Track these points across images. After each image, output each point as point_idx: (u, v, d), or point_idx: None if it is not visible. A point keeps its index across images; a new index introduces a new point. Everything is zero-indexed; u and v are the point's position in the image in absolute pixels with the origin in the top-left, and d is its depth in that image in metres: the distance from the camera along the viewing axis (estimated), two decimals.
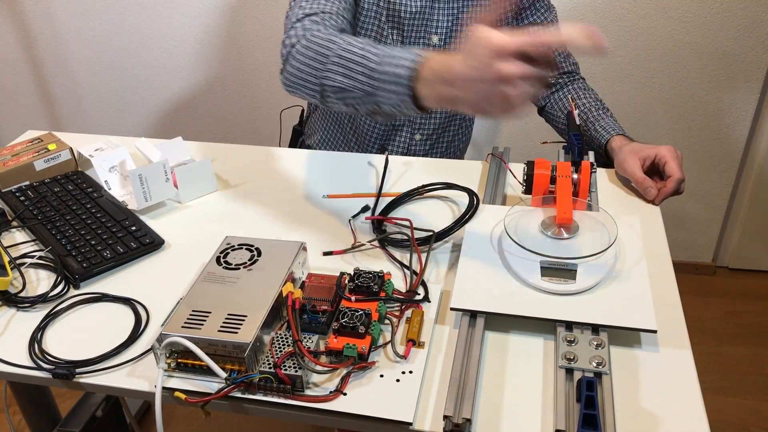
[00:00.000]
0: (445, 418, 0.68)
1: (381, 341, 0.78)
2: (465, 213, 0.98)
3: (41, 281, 0.93)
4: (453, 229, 0.97)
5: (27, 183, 1.13)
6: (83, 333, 0.83)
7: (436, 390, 0.73)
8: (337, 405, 0.71)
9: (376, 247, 0.96)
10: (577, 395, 0.69)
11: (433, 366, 0.76)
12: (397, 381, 0.73)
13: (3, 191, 1.11)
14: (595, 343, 0.74)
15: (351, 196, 1.09)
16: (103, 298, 0.89)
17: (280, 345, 0.75)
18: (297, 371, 0.71)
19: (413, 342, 0.78)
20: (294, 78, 0.94)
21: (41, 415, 1.40)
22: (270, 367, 0.72)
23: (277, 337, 0.76)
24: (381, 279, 0.83)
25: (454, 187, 1.07)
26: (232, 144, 1.27)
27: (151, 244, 0.97)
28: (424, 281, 0.88)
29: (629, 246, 0.88)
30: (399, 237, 0.97)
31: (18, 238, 1.02)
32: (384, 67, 0.81)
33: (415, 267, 0.90)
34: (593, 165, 1.00)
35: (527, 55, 0.68)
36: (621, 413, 0.70)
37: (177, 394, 0.73)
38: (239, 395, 0.72)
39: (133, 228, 1.00)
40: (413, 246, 0.93)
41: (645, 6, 1.81)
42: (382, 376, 0.74)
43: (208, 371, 0.73)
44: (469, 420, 0.67)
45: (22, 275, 0.92)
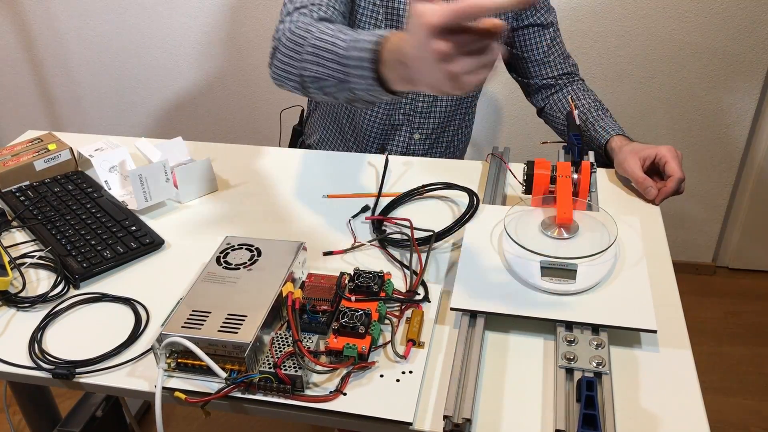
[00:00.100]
0: (445, 418, 0.68)
1: (381, 341, 0.78)
2: (465, 213, 0.98)
3: (41, 281, 0.93)
4: (453, 229, 0.96)
5: (27, 183, 1.13)
6: (83, 333, 0.83)
7: (436, 390, 0.73)
8: (337, 405, 0.71)
9: (376, 247, 0.96)
10: (577, 395, 0.69)
11: (433, 366, 0.76)
12: (397, 381, 0.73)
13: (3, 191, 1.11)
14: (595, 343, 0.74)
15: (351, 196, 1.09)
16: (103, 298, 0.89)
17: (280, 345, 0.75)
18: (297, 371, 0.71)
19: (413, 342, 0.78)
20: (278, 71, 0.94)
21: (41, 415, 1.40)
22: (270, 367, 0.72)
23: (277, 337, 0.76)
24: (381, 279, 0.83)
25: (454, 187, 1.06)
26: (232, 144, 1.27)
27: (151, 244, 0.97)
28: (424, 281, 0.88)
29: (629, 246, 0.88)
30: (399, 237, 0.97)
31: (18, 238, 1.02)
32: (350, 52, 0.79)
33: (415, 267, 0.90)
34: (593, 165, 1.00)
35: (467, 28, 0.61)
36: (621, 413, 0.69)
37: (177, 394, 0.73)
38: (239, 395, 0.72)
39: (133, 228, 1.00)
40: (413, 246, 0.93)
41: (645, 6, 1.81)
42: (382, 376, 0.74)
43: (208, 371, 0.73)
44: (469, 420, 0.67)
45: (22, 275, 0.92)
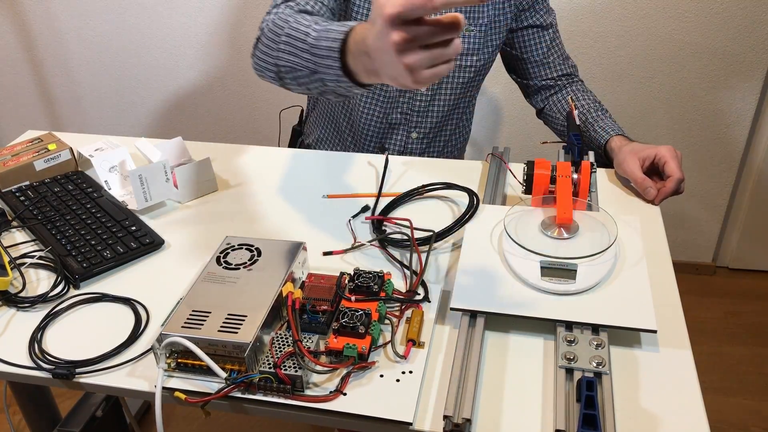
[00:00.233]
0: (445, 418, 0.68)
1: (381, 341, 0.78)
2: (465, 213, 0.98)
3: (41, 281, 0.93)
4: (453, 229, 0.96)
5: (27, 183, 1.13)
6: (83, 333, 0.83)
7: (436, 390, 0.73)
8: (337, 405, 0.71)
9: (376, 247, 0.96)
10: (577, 395, 0.69)
11: (433, 366, 0.76)
12: (397, 381, 0.73)
13: (3, 191, 1.11)
14: (595, 343, 0.74)
15: (351, 196, 1.09)
16: (103, 298, 0.89)
17: (280, 345, 0.75)
18: (297, 371, 0.71)
19: (413, 342, 0.78)
20: (258, 60, 0.94)
21: (41, 415, 1.40)
22: (270, 367, 0.72)
23: (277, 337, 0.76)
24: (381, 279, 0.83)
25: (454, 187, 1.06)
26: (232, 144, 1.27)
27: (151, 244, 0.97)
28: (424, 281, 0.88)
29: (629, 246, 0.88)
30: (399, 237, 0.97)
31: (18, 238, 1.02)
32: (320, 42, 0.78)
33: (415, 267, 0.90)
34: (593, 165, 1.00)
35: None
36: (621, 413, 0.69)
37: (177, 394, 0.73)
38: (239, 395, 0.72)
39: (133, 228, 1.00)
40: (413, 246, 0.93)
41: (645, 6, 1.81)
42: (382, 376, 0.74)
43: (208, 371, 0.73)
44: (469, 420, 0.67)
45: (22, 275, 0.92)
